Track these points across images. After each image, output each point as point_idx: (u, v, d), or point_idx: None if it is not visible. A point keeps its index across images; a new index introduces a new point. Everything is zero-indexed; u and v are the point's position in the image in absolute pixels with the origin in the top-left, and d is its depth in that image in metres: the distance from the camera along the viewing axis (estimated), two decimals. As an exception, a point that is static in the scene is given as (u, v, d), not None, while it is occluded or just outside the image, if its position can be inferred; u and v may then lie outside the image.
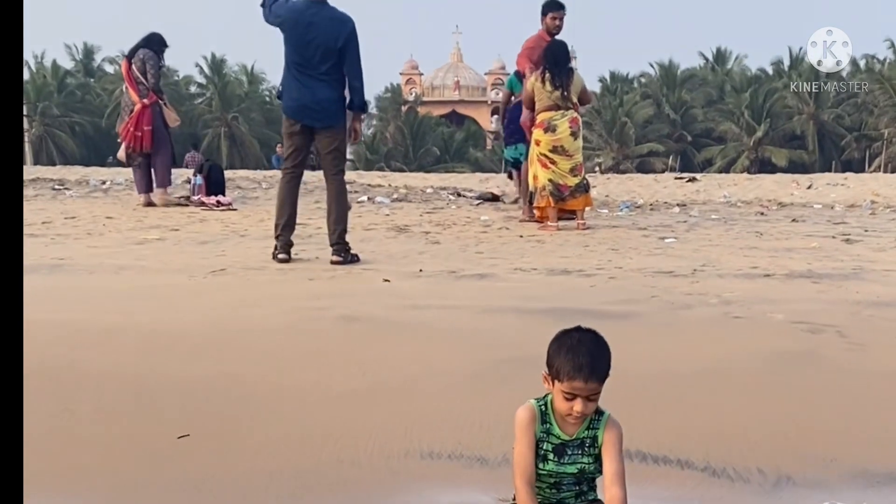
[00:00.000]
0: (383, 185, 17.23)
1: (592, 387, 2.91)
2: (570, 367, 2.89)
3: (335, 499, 3.49)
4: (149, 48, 13.77)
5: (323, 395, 4.50)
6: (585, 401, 2.92)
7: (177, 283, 7.37)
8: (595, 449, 3.02)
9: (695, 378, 4.83)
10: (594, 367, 2.90)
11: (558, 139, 11.31)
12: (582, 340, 2.96)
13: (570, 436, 3.01)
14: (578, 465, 3.01)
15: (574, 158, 11.46)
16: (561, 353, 2.93)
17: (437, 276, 7.93)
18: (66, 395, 4.45)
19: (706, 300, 6.83)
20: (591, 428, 3.02)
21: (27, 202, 13.88)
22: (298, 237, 10.10)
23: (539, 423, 3.01)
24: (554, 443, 3.01)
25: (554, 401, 2.99)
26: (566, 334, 3.00)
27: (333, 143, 8.64)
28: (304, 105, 8.57)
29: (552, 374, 2.96)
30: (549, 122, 11.29)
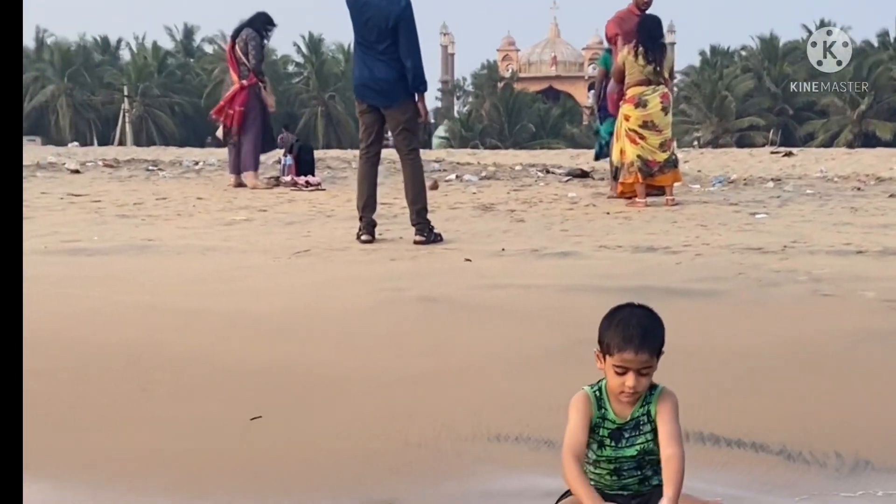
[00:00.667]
0: (472, 163, 17.21)
1: (643, 359, 2.84)
2: (620, 339, 2.83)
3: (399, 481, 3.48)
4: (252, 28, 13.77)
5: (395, 377, 4.50)
6: (637, 375, 2.86)
7: (261, 265, 7.45)
8: (651, 424, 2.96)
9: (777, 358, 4.71)
10: (644, 339, 2.84)
11: (649, 114, 11.18)
12: (633, 314, 2.91)
13: (625, 418, 2.95)
14: (637, 445, 2.95)
15: (663, 134, 11.31)
16: (611, 326, 2.89)
17: (520, 255, 7.88)
18: (145, 376, 4.52)
19: (795, 277, 6.67)
20: (644, 404, 2.96)
21: (122, 183, 14.18)
22: (384, 217, 10.15)
23: (595, 409, 2.95)
24: (610, 427, 2.95)
25: (607, 379, 2.94)
26: (618, 309, 2.95)
27: (399, 122, 8.64)
28: (365, 84, 8.61)
29: (603, 350, 2.91)
30: (640, 97, 11.17)
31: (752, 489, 3.43)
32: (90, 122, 68.49)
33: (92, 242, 8.62)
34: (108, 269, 7.17)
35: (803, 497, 3.38)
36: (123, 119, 61.47)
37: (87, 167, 16.30)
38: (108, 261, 7.62)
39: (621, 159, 11.49)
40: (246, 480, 3.50)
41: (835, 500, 3.36)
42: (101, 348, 4.83)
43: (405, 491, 3.38)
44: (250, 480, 3.50)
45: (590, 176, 15.25)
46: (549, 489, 3.23)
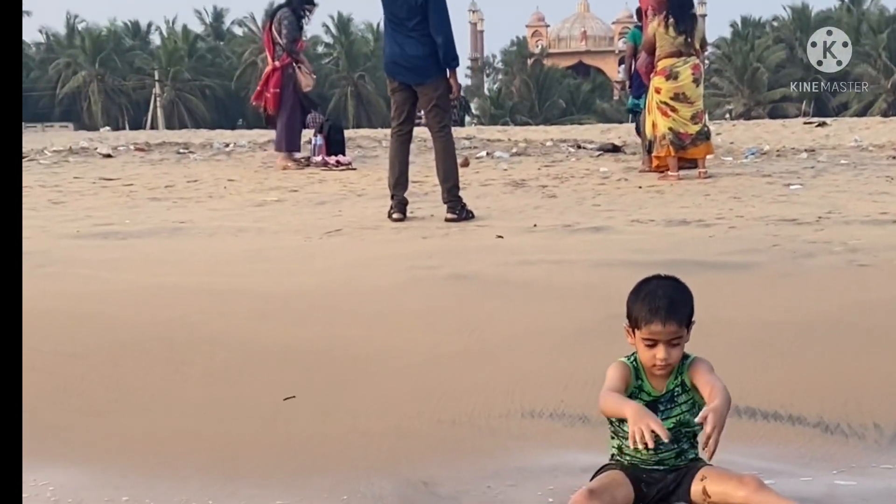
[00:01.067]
0: (503, 140, 17.13)
1: (671, 330, 2.82)
2: (647, 311, 2.83)
3: (433, 458, 3.46)
4: (289, 7, 13.70)
5: (428, 355, 4.48)
6: (667, 346, 2.84)
7: (292, 245, 7.46)
8: (687, 394, 2.94)
9: (813, 329, 4.64)
10: (671, 310, 2.83)
11: (680, 86, 11.05)
12: (659, 285, 2.91)
13: (660, 391, 2.93)
14: (673, 417, 2.93)
15: (695, 105, 11.18)
16: (638, 300, 2.89)
17: (552, 231, 7.84)
18: (179, 357, 4.53)
19: (830, 248, 6.59)
20: (677, 376, 2.94)
21: (153, 166, 14.24)
22: (415, 195, 10.13)
23: (633, 378, 2.94)
24: (645, 400, 2.92)
25: (638, 352, 2.92)
26: (644, 281, 2.95)
27: (431, 99, 8.58)
28: (396, 62, 8.58)
29: (632, 324, 2.90)
30: (671, 69, 11.03)
31: (789, 462, 3.39)
32: (122, 107, 68.85)
33: (124, 226, 8.66)
34: (140, 251, 7.20)
35: (842, 470, 3.33)
36: (155, 103, 61.76)
37: (118, 151, 16.38)
38: (141, 243, 7.65)
39: (653, 133, 11.37)
40: (280, 461, 3.50)
41: (874, 472, 3.32)
42: (134, 330, 4.84)
43: (440, 469, 3.37)
44: (284, 461, 3.50)
45: (621, 150, 15.14)
46: (585, 465, 3.21)
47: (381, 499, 3.12)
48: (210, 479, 3.33)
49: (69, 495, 3.18)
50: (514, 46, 77.07)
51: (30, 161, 15.01)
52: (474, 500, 3.13)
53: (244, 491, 3.22)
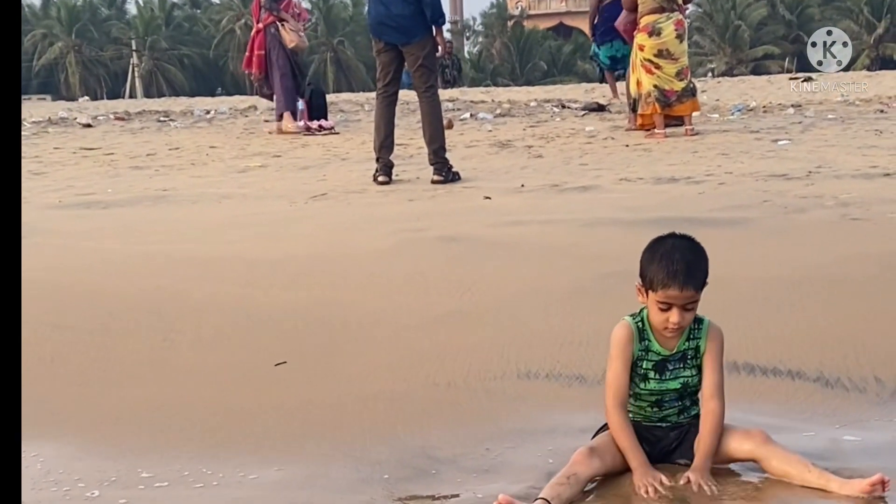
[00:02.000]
0: (486, 101, 16.99)
1: (688, 295, 2.75)
2: (664, 274, 2.74)
3: (429, 422, 3.41)
4: None
5: (420, 318, 4.41)
6: (681, 311, 2.76)
7: (278, 210, 7.37)
8: (697, 360, 2.88)
9: (809, 284, 4.60)
10: (689, 274, 2.74)
11: (663, 43, 10.90)
12: (676, 246, 2.80)
13: (670, 350, 2.86)
14: (681, 378, 2.87)
15: (680, 62, 11.05)
16: (654, 261, 2.78)
17: (540, 191, 7.77)
18: (167, 325, 4.45)
19: (822, 203, 6.54)
20: (691, 338, 2.87)
21: (133, 135, 14.08)
22: (400, 157, 10.04)
23: (637, 342, 2.86)
24: (654, 360, 2.86)
25: (649, 314, 2.84)
26: (659, 241, 2.84)
27: (417, 59, 8.46)
28: (381, 22, 8.45)
29: (646, 285, 2.80)
30: (654, 25, 10.88)
31: (790, 417, 3.35)
32: (100, 77, 68.22)
33: (106, 195, 8.55)
34: (124, 220, 7.10)
35: (844, 424, 3.29)
36: (133, 73, 61.18)
37: (98, 121, 16.19)
38: (124, 212, 7.55)
39: (638, 90, 11.27)
40: (274, 427, 3.44)
41: (876, 425, 3.28)
42: (121, 300, 4.76)
43: (437, 432, 3.31)
44: (278, 427, 3.44)
45: (606, 109, 15.03)
46: (583, 425, 3.16)
47: (379, 463, 3.06)
48: (203, 448, 3.27)
49: (60, 466, 3.12)
50: (493, 9, 76.48)
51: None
52: (472, 462, 3.08)
53: (238, 459, 3.15)
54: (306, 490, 2.88)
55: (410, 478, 2.96)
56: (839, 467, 2.79)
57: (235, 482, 2.97)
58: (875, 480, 2.59)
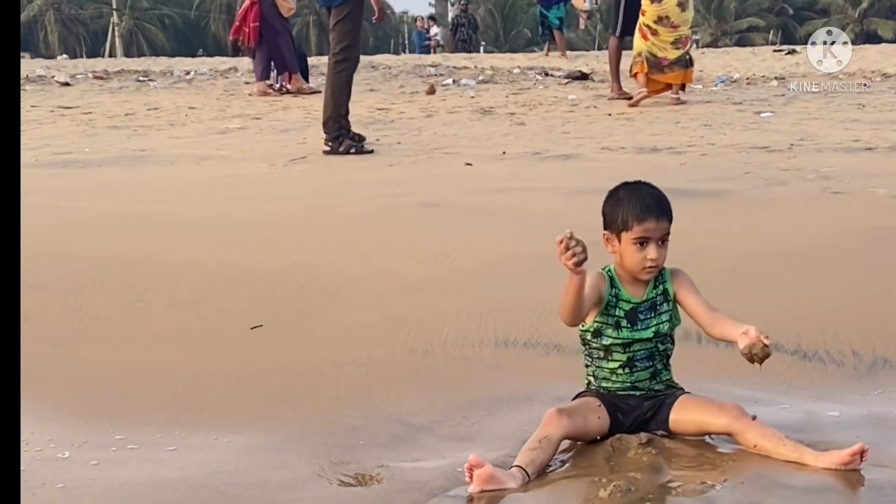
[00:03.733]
0: (469, 67, 16.89)
1: (664, 226, 2.81)
2: (639, 209, 2.80)
3: (406, 388, 3.38)
4: None
5: (399, 284, 4.39)
6: (658, 245, 2.80)
7: (257, 173, 7.32)
8: (668, 304, 2.89)
9: (788, 257, 4.59)
10: (661, 205, 2.82)
11: (664, 10, 10.89)
12: (638, 186, 2.90)
13: (640, 298, 2.86)
14: (652, 328, 2.87)
15: (679, 30, 11.04)
16: (621, 203, 2.85)
17: (521, 158, 7.74)
18: (142, 286, 4.41)
19: (803, 175, 6.55)
20: (657, 285, 2.89)
21: (112, 94, 13.94)
22: (381, 123, 10.00)
23: (608, 287, 2.87)
24: (625, 308, 2.87)
25: (623, 258, 2.85)
26: (618, 188, 2.92)
27: (333, 22, 8.02)
28: None
29: (617, 229, 2.83)
30: None
31: (768, 390, 3.34)
32: (79, 36, 67.50)
33: (84, 154, 8.47)
34: (101, 180, 7.03)
35: (820, 397, 3.29)
36: (113, 33, 60.57)
37: (76, 80, 16.02)
38: (101, 172, 7.48)
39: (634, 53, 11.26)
40: (249, 391, 3.42)
41: (853, 398, 3.28)
42: (95, 260, 4.71)
43: (413, 399, 3.29)
44: (253, 391, 3.42)
45: (589, 78, 14.98)
46: (560, 394, 3.14)
47: (354, 429, 3.04)
48: (177, 410, 3.24)
49: (31, 426, 3.07)
50: (478, -26, 76.12)
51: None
52: (449, 430, 3.06)
53: (212, 422, 3.13)
54: (280, 454, 2.86)
55: (386, 444, 2.94)
56: (816, 440, 2.77)
57: (208, 445, 2.95)
58: (855, 450, 2.58)
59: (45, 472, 2.74)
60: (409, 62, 17.86)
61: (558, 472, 2.69)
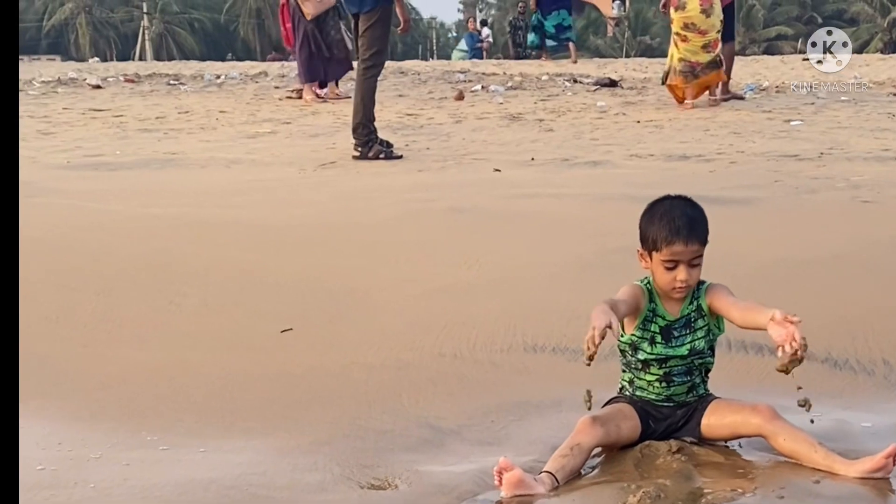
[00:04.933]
0: (498, 74, 16.89)
1: (693, 249, 2.75)
2: (668, 231, 2.73)
3: (435, 392, 3.39)
4: None
5: (427, 288, 4.40)
6: (688, 267, 2.76)
7: (286, 177, 7.35)
8: (704, 319, 2.86)
9: (818, 265, 4.57)
10: (692, 228, 2.75)
11: (688, 16, 11.11)
12: (674, 205, 2.81)
13: (674, 316, 2.84)
14: (687, 345, 2.85)
15: (707, 35, 11.23)
16: (654, 220, 2.78)
17: (550, 165, 7.74)
18: (172, 288, 4.44)
19: (833, 184, 6.51)
20: (692, 301, 2.86)
21: (143, 97, 14.03)
22: (410, 128, 10.02)
23: (647, 300, 2.84)
24: (660, 324, 2.85)
25: (655, 277, 2.82)
26: (656, 203, 2.85)
27: (363, 28, 8.06)
28: None
29: (648, 247, 2.79)
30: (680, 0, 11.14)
31: (797, 398, 3.31)
32: (110, 39, 67.96)
33: (115, 157, 8.53)
34: (132, 182, 7.08)
35: (851, 406, 3.27)
36: (143, 36, 60.97)
37: (108, 82, 16.13)
38: (132, 174, 7.53)
39: (670, 63, 11.59)
40: (279, 393, 3.43)
41: (884, 408, 3.26)
42: (127, 262, 4.75)
43: (443, 403, 3.30)
44: (283, 393, 3.43)
45: (618, 85, 14.95)
46: (590, 400, 3.13)
47: (384, 433, 3.05)
48: (208, 412, 3.26)
49: (64, 427, 3.11)
50: (507, -18, 76.09)
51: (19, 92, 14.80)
52: (477, 434, 3.07)
53: (242, 424, 3.15)
54: (310, 457, 2.87)
55: (415, 447, 2.95)
56: (846, 448, 2.77)
57: (239, 447, 2.96)
58: (890, 451, 2.57)
59: (78, 472, 2.77)
60: (438, 68, 17.90)
61: (587, 479, 2.70)
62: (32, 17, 67.01)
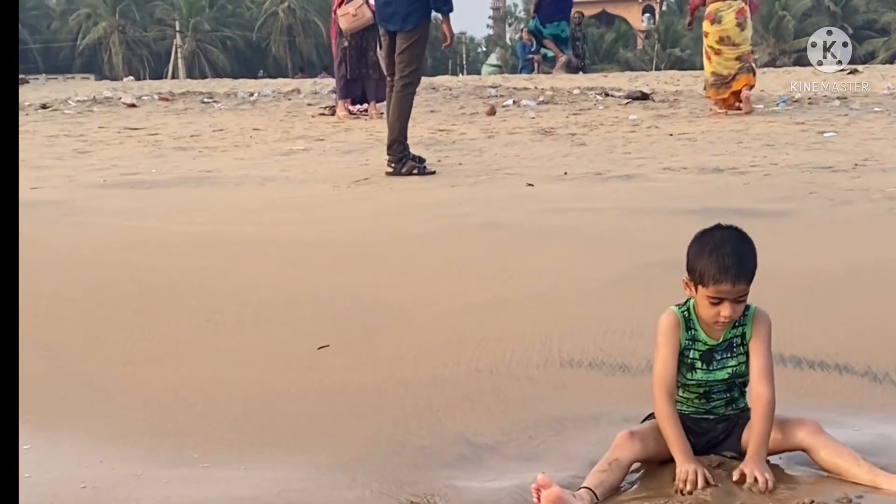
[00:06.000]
0: (529, 88, 16.90)
1: (740, 289, 2.69)
2: (716, 269, 2.67)
3: (472, 408, 3.39)
4: None
5: (462, 303, 4.40)
6: (733, 304, 2.71)
7: (320, 193, 7.39)
8: (744, 347, 2.83)
9: (855, 277, 4.55)
10: (741, 268, 2.68)
11: (724, 30, 11.48)
12: (725, 239, 2.73)
13: (716, 340, 2.82)
14: (728, 368, 2.82)
15: (740, 48, 11.65)
16: (703, 255, 2.71)
17: (583, 179, 7.73)
18: (210, 306, 4.47)
19: (869, 196, 6.47)
20: (737, 325, 2.82)
21: (177, 116, 14.14)
22: (442, 143, 10.05)
23: (683, 331, 2.82)
24: (700, 350, 2.82)
25: (698, 307, 2.79)
26: (707, 234, 2.77)
27: (402, 46, 8.13)
28: (381, 8, 8.17)
29: (695, 280, 2.74)
30: (717, 13, 11.51)
31: (837, 412, 3.30)
32: (143, 58, 68.58)
33: (150, 175, 8.61)
34: (168, 200, 7.14)
35: (893, 419, 3.24)
36: (175, 55, 61.52)
37: (142, 101, 16.29)
38: (168, 193, 7.59)
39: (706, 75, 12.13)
40: (316, 410, 3.44)
41: (926, 422, 3.23)
42: (164, 279, 4.79)
43: (479, 419, 3.29)
44: (320, 410, 3.44)
45: (650, 98, 14.93)
46: (627, 415, 3.14)
47: (422, 448, 3.05)
48: (246, 429, 3.27)
49: (105, 444, 3.13)
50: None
51: (53, 111, 14.94)
52: (515, 450, 3.06)
53: (281, 441, 3.16)
54: (348, 473, 2.88)
55: (453, 464, 2.95)
56: (888, 463, 2.74)
57: (278, 464, 2.98)
58: None
59: (120, 490, 2.79)
60: (469, 83, 17.94)
61: (627, 494, 2.69)
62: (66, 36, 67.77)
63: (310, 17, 64.70)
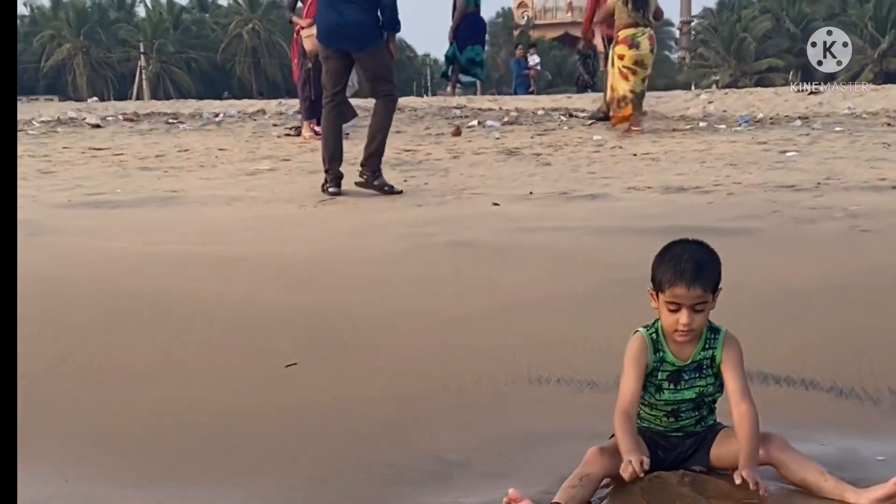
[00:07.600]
0: (494, 109, 16.96)
1: (695, 294, 2.73)
2: (671, 273, 2.73)
3: (441, 425, 3.39)
4: None
5: (430, 322, 4.40)
6: (690, 312, 2.74)
7: (286, 213, 7.37)
8: (713, 369, 2.86)
9: (820, 294, 4.59)
10: (697, 273, 2.73)
11: (641, 55, 12.40)
12: (686, 248, 2.80)
13: (684, 360, 2.84)
14: (696, 388, 2.85)
15: (647, 71, 12.67)
16: (663, 262, 2.78)
17: (548, 198, 7.77)
18: (177, 325, 4.44)
19: (831, 214, 6.53)
20: (707, 348, 2.85)
21: (142, 136, 14.07)
22: (408, 164, 10.07)
23: (651, 353, 2.84)
24: (668, 370, 2.84)
25: (661, 317, 2.82)
26: (671, 244, 2.85)
27: (370, 66, 8.20)
28: (332, 28, 8.10)
29: (656, 287, 2.80)
30: (633, 38, 12.36)
31: (803, 427, 3.32)
32: (107, 79, 68.26)
33: (116, 195, 8.55)
34: (133, 220, 7.10)
35: (858, 434, 3.28)
36: (140, 76, 61.27)
37: (107, 121, 16.18)
38: (133, 213, 7.55)
39: (612, 95, 12.83)
40: (283, 428, 3.43)
41: (891, 436, 3.26)
42: (129, 298, 4.75)
43: (449, 436, 3.30)
44: (288, 428, 3.43)
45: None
46: (596, 431, 3.14)
47: (391, 466, 3.05)
48: (213, 448, 3.26)
49: (70, 466, 3.11)
50: (499, 18, 76.57)
51: (17, 132, 14.82)
52: (485, 466, 3.07)
53: (251, 459, 3.15)
54: (318, 494, 2.87)
55: (423, 481, 2.95)
56: (854, 478, 2.77)
57: (247, 483, 2.96)
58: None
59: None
60: (435, 104, 17.94)
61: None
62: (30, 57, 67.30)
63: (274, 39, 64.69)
